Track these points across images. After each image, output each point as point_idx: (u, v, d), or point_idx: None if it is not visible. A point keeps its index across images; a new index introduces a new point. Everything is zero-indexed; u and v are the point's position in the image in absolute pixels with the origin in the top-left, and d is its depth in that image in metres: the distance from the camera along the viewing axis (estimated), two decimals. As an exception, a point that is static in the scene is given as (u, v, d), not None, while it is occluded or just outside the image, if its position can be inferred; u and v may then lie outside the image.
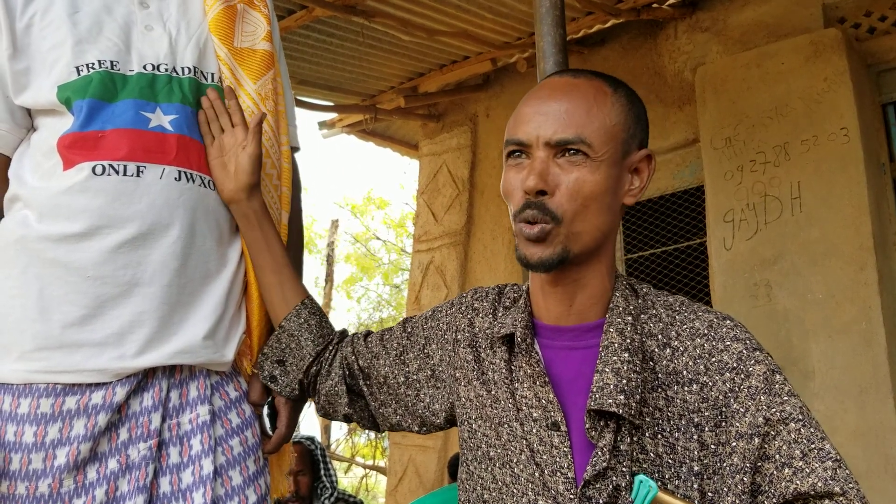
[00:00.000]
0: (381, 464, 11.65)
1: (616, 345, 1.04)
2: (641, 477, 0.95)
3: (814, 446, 0.98)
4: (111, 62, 1.25)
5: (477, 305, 1.22)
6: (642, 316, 1.09)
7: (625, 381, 1.01)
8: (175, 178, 1.23)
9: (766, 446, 0.99)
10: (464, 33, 4.07)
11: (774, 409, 1.00)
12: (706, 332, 1.06)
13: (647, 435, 1.02)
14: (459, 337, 1.21)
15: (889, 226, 3.39)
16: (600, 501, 0.99)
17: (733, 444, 1.00)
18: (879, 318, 3.11)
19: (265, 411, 1.39)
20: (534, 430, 1.06)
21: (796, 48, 3.47)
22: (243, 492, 1.25)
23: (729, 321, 1.07)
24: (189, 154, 1.27)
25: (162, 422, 1.21)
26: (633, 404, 1.00)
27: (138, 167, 1.21)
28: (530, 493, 1.03)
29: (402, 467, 4.92)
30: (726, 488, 0.98)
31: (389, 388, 1.28)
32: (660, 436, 1.02)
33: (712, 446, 1.00)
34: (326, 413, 1.35)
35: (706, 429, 1.01)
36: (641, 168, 1.10)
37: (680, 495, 0.99)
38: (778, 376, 1.02)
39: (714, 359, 1.03)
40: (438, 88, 4.94)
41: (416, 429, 1.28)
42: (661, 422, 1.02)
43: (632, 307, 1.08)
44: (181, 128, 1.27)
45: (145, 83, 1.26)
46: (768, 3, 3.76)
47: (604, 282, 1.10)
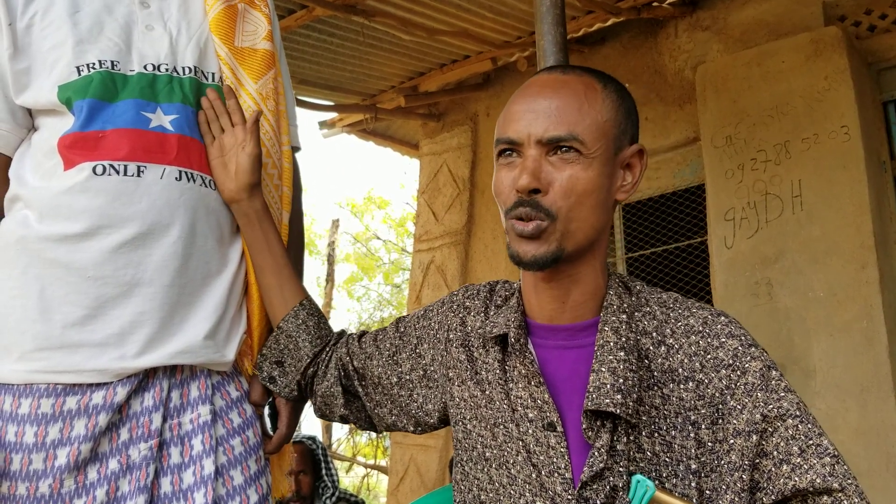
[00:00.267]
0: (383, 463, 11.65)
1: (611, 343, 1.04)
2: (639, 477, 0.95)
3: (812, 442, 0.98)
4: (112, 62, 1.25)
5: (468, 304, 1.22)
6: (636, 314, 1.08)
7: (621, 381, 1.00)
8: (176, 178, 1.23)
9: (763, 443, 0.99)
10: (464, 32, 4.07)
11: (772, 406, 0.99)
12: (701, 329, 1.05)
13: (643, 434, 1.01)
14: (451, 336, 1.20)
15: (890, 224, 3.39)
16: (598, 502, 0.99)
17: (731, 441, 0.99)
18: (881, 316, 3.11)
19: (266, 411, 1.39)
20: (530, 431, 1.05)
21: (797, 46, 3.47)
22: (244, 491, 1.25)
23: (723, 317, 1.07)
24: (190, 154, 1.27)
25: (163, 422, 1.21)
26: (630, 404, 1.00)
27: (139, 167, 1.21)
28: (528, 495, 1.03)
29: (403, 467, 4.92)
30: (724, 486, 0.98)
31: (383, 388, 1.28)
32: (657, 434, 1.01)
33: (709, 444, 1.00)
34: (323, 414, 1.35)
35: (703, 426, 1.01)
36: (633, 163, 1.10)
37: (678, 494, 0.98)
38: (774, 372, 1.02)
39: (709, 356, 1.03)
40: (439, 88, 4.94)
41: (411, 429, 1.27)
42: (657, 420, 1.02)
43: (626, 305, 1.08)
44: (182, 128, 1.27)
45: (146, 83, 1.26)
46: (769, 1, 3.76)
47: (597, 279, 1.09)
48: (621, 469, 1.00)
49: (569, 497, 1.00)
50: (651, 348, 1.05)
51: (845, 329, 3.18)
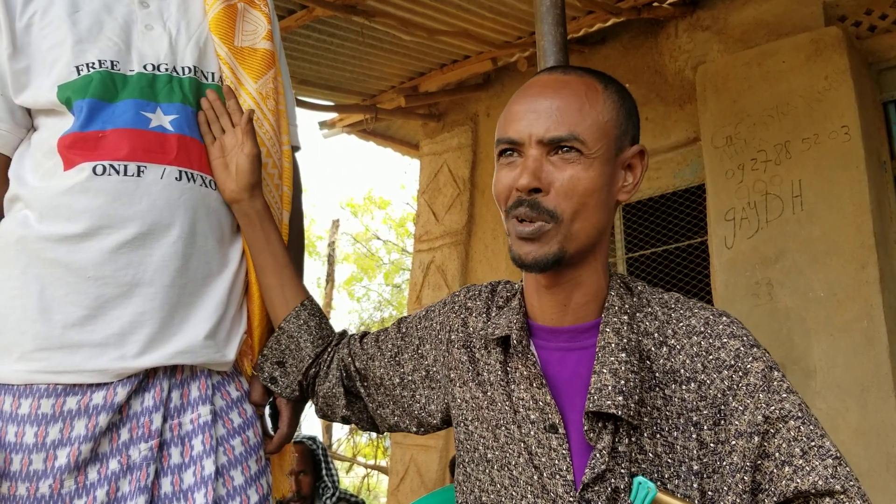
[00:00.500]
0: (383, 463, 11.65)
1: (613, 345, 1.03)
2: (640, 478, 0.95)
3: (814, 444, 0.97)
4: (111, 62, 1.25)
5: (470, 305, 1.21)
6: (638, 314, 1.08)
7: (623, 382, 1.00)
8: (176, 178, 1.23)
9: (765, 444, 0.99)
10: (464, 33, 4.07)
11: (774, 407, 0.99)
12: (703, 329, 1.05)
13: (645, 435, 1.01)
14: (453, 337, 1.20)
15: (890, 224, 3.38)
16: None
17: (733, 442, 0.99)
18: (881, 316, 3.11)
19: (267, 411, 1.39)
20: (532, 433, 1.05)
21: (797, 46, 3.47)
22: (245, 492, 1.24)
23: (725, 318, 1.06)
24: (190, 154, 1.27)
25: (163, 422, 1.21)
26: (632, 405, 0.99)
27: (139, 167, 1.20)
28: (529, 496, 1.03)
29: (403, 467, 4.92)
30: (726, 487, 0.98)
31: (386, 389, 1.28)
32: (658, 435, 1.01)
33: (711, 445, 1.00)
34: (325, 415, 1.35)
35: (705, 427, 1.00)
36: (634, 164, 1.10)
37: (680, 495, 0.98)
38: (776, 373, 1.02)
39: (711, 356, 1.03)
40: (439, 88, 4.94)
41: (413, 429, 1.27)
42: (659, 421, 1.01)
43: (627, 306, 1.08)
44: (182, 128, 1.27)
45: (145, 83, 1.26)
46: (769, 1, 3.76)
47: (599, 280, 1.09)
48: (623, 471, 0.99)
49: (570, 499, 1.00)
50: (653, 349, 1.05)
51: (845, 329, 3.18)
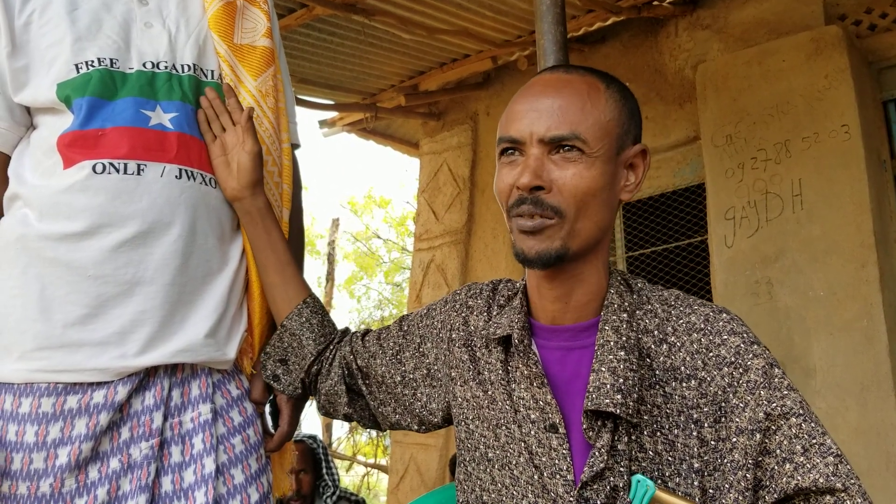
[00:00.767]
0: (383, 462, 11.66)
1: (612, 343, 1.03)
2: (639, 476, 0.95)
3: (815, 441, 0.97)
4: (111, 60, 1.24)
5: (471, 303, 1.21)
6: (637, 312, 1.08)
7: (621, 380, 1.00)
8: (176, 177, 1.23)
9: (767, 441, 0.98)
10: (464, 31, 4.07)
11: (775, 404, 0.99)
12: (703, 326, 1.05)
13: (645, 433, 1.01)
14: (454, 336, 1.20)
15: (890, 223, 3.38)
16: (598, 502, 0.99)
17: (734, 439, 0.99)
18: (881, 315, 3.11)
19: (267, 409, 1.39)
20: (532, 432, 1.05)
21: (797, 45, 3.46)
22: (245, 490, 1.24)
23: (725, 314, 1.06)
24: (190, 152, 1.27)
25: (164, 420, 1.21)
26: (631, 403, 0.99)
27: (139, 165, 1.20)
28: (530, 496, 1.03)
29: (403, 465, 4.92)
30: (728, 485, 0.98)
31: (387, 387, 1.28)
32: (659, 433, 1.01)
33: (712, 442, 1.00)
34: (327, 412, 1.35)
35: (705, 425, 1.00)
36: (637, 163, 1.10)
37: (680, 493, 0.98)
38: (777, 370, 1.02)
39: (712, 353, 1.03)
40: (439, 87, 4.94)
41: (415, 427, 1.27)
42: (659, 419, 1.01)
43: (627, 303, 1.08)
44: (181, 126, 1.27)
45: (145, 81, 1.26)
46: (769, 0, 3.76)
47: (600, 279, 1.09)
48: (622, 469, 0.99)
49: (570, 498, 1.00)
50: (653, 347, 1.05)
51: (845, 328, 3.18)
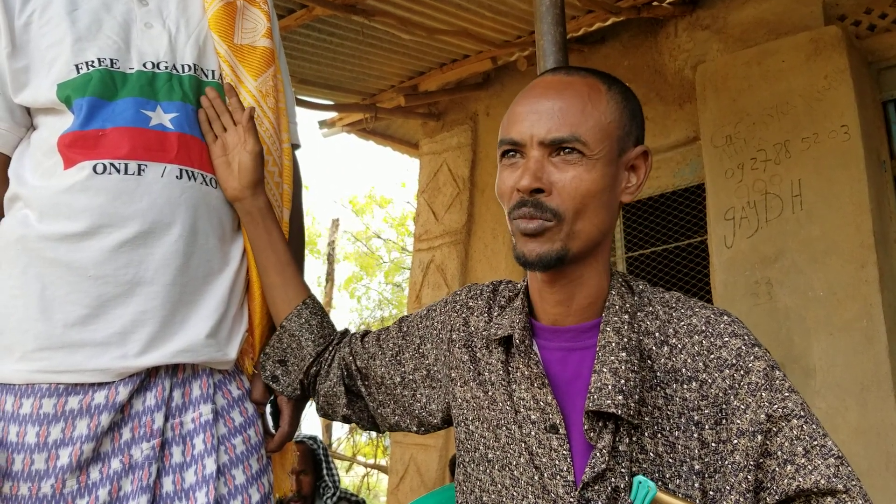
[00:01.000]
0: (383, 462, 11.65)
1: (613, 344, 1.03)
2: (640, 478, 0.95)
3: (816, 443, 0.98)
4: (111, 60, 1.24)
5: (472, 304, 1.21)
6: (639, 314, 1.08)
7: (623, 381, 1.00)
8: (176, 177, 1.23)
9: (768, 443, 0.98)
10: (464, 32, 4.07)
11: (776, 406, 0.99)
12: (704, 328, 1.05)
13: (646, 435, 1.01)
14: (454, 337, 1.20)
15: (890, 223, 3.38)
16: (599, 503, 0.99)
17: (735, 441, 0.99)
18: (880, 315, 3.11)
19: (268, 409, 1.39)
20: (532, 433, 1.05)
21: (797, 46, 3.47)
22: (246, 490, 1.24)
23: (726, 317, 1.06)
24: (190, 152, 1.27)
25: (165, 421, 1.21)
26: (632, 404, 0.99)
27: (139, 166, 1.20)
28: (530, 497, 1.03)
29: (403, 466, 4.92)
30: (729, 486, 0.98)
31: (386, 388, 1.28)
32: (659, 435, 1.01)
33: (713, 444, 1.00)
34: (326, 413, 1.35)
35: (706, 427, 1.00)
36: (638, 165, 1.09)
37: (681, 495, 0.98)
38: (777, 372, 1.02)
39: (713, 355, 1.03)
40: (439, 87, 4.94)
41: (414, 429, 1.27)
42: (660, 421, 1.01)
43: (628, 305, 1.08)
44: (182, 126, 1.27)
45: (145, 81, 1.26)
46: (768, 0, 3.76)
47: (601, 280, 1.09)
48: (623, 470, 0.99)
49: (571, 499, 0.99)
50: (654, 348, 1.05)
51: (845, 328, 3.18)
